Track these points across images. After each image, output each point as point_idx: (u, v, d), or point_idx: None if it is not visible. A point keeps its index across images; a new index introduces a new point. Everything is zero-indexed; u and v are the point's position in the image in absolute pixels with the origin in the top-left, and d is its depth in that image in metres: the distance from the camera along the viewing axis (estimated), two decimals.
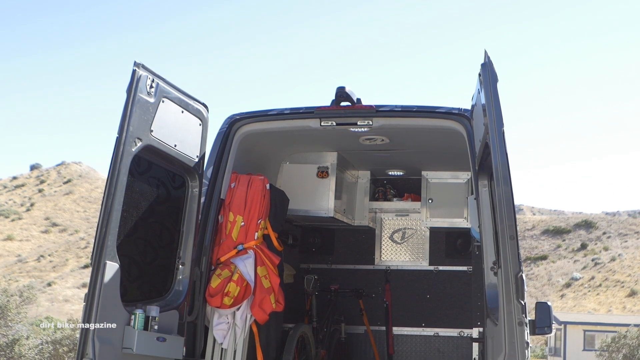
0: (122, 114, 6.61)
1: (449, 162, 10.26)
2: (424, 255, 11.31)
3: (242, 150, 8.63)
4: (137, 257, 7.19)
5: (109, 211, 6.43)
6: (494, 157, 6.25)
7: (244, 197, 8.31)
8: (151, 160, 7.16)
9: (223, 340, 8.09)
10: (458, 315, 10.89)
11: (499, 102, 6.31)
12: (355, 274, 11.42)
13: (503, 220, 6.19)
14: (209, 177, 8.07)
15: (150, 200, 7.28)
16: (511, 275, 6.11)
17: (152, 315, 6.82)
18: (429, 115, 8.27)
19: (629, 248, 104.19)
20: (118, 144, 6.54)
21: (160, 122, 6.95)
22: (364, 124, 8.33)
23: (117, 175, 6.50)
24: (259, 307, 8.22)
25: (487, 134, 6.45)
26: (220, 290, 7.93)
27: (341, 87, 8.13)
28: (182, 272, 7.53)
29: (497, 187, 6.23)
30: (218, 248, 8.19)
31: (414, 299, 11.22)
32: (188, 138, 7.44)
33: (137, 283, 7.20)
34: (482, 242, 7.19)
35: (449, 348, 10.97)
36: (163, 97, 6.99)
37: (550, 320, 6.88)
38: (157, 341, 6.84)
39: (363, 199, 11.16)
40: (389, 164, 10.82)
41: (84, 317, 6.32)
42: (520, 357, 6.06)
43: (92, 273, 6.36)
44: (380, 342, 11.14)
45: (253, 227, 8.28)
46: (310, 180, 9.99)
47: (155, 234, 7.45)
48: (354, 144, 9.50)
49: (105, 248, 6.39)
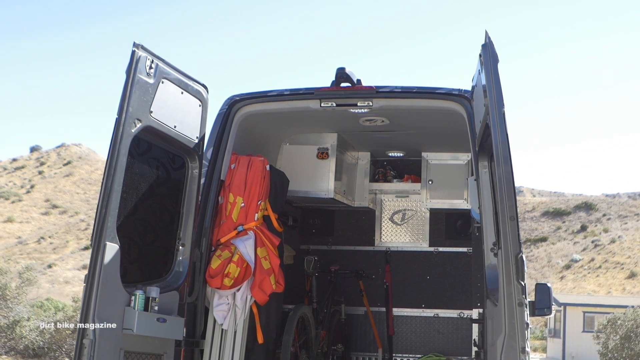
0: (122, 95, 6.59)
1: (449, 143, 10.25)
2: (424, 236, 11.32)
3: (242, 131, 8.62)
4: (137, 238, 7.19)
5: (109, 192, 6.43)
6: (494, 138, 6.25)
7: (244, 178, 8.30)
8: (151, 141, 7.14)
9: (223, 321, 8.10)
10: (458, 296, 10.91)
11: (500, 82, 6.30)
12: (355, 255, 11.43)
13: (503, 201, 6.19)
14: (208, 158, 8.06)
15: (150, 181, 7.27)
16: (511, 256, 6.11)
17: (152, 296, 6.82)
18: (429, 96, 8.25)
19: (629, 230, 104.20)
20: (117, 125, 6.53)
21: (160, 103, 6.94)
22: (364, 105, 8.31)
23: (117, 156, 6.49)
24: (259, 288, 8.22)
25: (488, 114, 6.44)
26: (220, 271, 7.93)
27: (341, 68, 8.11)
28: (182, 253, 7.53)
29: (497, 167, 6.23)
30: (218, 229, 8.18)
31: (414, 280, 11.23)
32: (188, 119, 7.42)
33: (137, 264, 7.20)
34: (482, 223, 7.19)
35: (448, 329, 10.99)
36: (162, 78, 6.97)
37: (550, 301, 6.88)
38: (158, 322, 6.85)
39: (363, 180, 11.15)
40: (389, 145, 10.81)
41: (84, 298, 6.32)
42: (520, 337, 6.07)
43: (92, 254, 6.36)
44: (380, 323, 11.16)
45: (253, 208, 8.28)
46: (310, 161, 9.98)
47: (155, 215, 7.44)
48: (354, 125, 9.49)
49: (105, 229, 6.39)
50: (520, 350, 6.07)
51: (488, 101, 6.35)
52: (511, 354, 6.10)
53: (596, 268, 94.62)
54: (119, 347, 6.55)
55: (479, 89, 7.03)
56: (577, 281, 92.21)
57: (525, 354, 6.09)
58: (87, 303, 6.29)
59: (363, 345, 11.25)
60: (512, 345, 6.10)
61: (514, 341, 6.09)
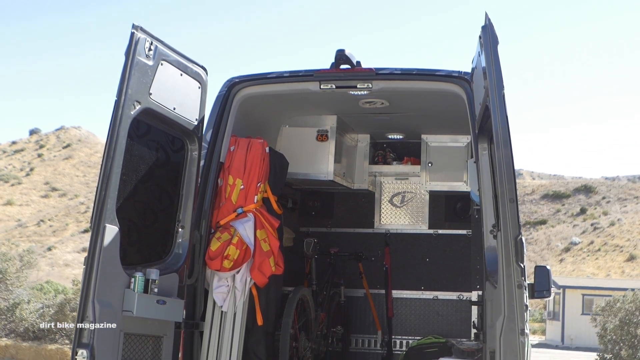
0: (121, 77, 6.58)
1: (449, 126, 10.24)
2: (424, 218, 11.33)
3: (242, 113, 8.61)
4: (137, 220, 7.19)
5: (108, 174, 6.42)
6: (494, 120, 6.24)
7: (243, 160, 8.29)
8: (150, 124, 7.13)
9: (223, 303, 8.11)
10: (457, 278, 10.93)
11: (500, 64, 6.29)
12: (355, 238, 11.44)
13: (503, 183, 6.19)
14: (208, 140, 8.05)
15: (150, 163, 7.27)
16: (510, 238, 6.11)
17: (152, 278, 6.83)
18: (428, 78, 8.23)
19: (628, 213, 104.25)
20: (117, 107, 6.52)
21: (159, 85, 6.92)
22: (364, 87, 8.30)
23: (116, 138, 6.48)
24: (259, 270, 8.23)
25: (487, 96, 6.43)
26: (219, 253, 7.94)
27: (341, 50, 8.09)
28: (181, 236, 7.53)
29: (497, 150, 6.22)
30: (217, 211, 8.19)
31: (413, 262, 11.24)
32: (187, 101, 7.41)
33: (137, 246, 7.20)
34: (482, 206, 7.19)
35: (448, 311, 11.01)
36: (162, 60, 6.95)
37: (549, 284, 6.88)
38: (157, 304, 6.86)
39: (363, 162, 11.14)
40: (389, 127, 10.80)
41: (84, 280, 6.32)
42: (519, 319, 6.08)
43: (92, 236, 6.36)
44: (379, 305, 11.19)
45: (252, 191, 8.28)
46: (310, 143, 9.98)
47: (155, 197, 7.44)
48: (354, 107, 9.48)
49: (105, 211, 6.39)
50: (519, 332, 6.08)
51: (488, 83, 6.34)
52: (510, 335, 6.11)
53: (595, 251, 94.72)
54: (118, 329, 6.56)
55: (478, 71, 7.02)
56: (576, 264, 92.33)
57: (524, 335, 6.09)
58: (86, 285, 6.29)
59: (362, 327, 11.28)
60: (511, 327, 6.11)
61: (513, 323, 6.10)
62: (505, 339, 6.15)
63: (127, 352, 6.71)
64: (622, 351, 25.60)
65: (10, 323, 24.31)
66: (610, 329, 26.21)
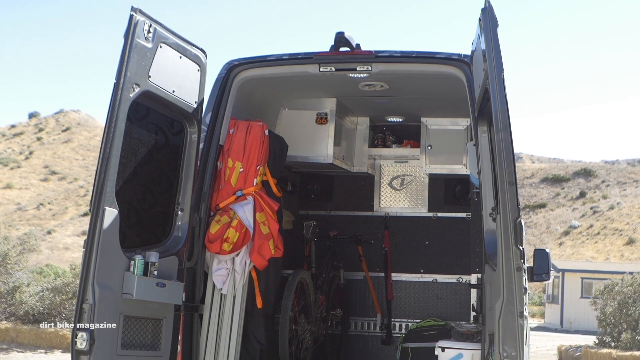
0: (120, 60, 6.57)
1: (449, 109, 10.23)
2: (423, 201, 11.33)
3: (241, 96, 8.60)
4: (136, 203, 7.19)
5: (108, 157, 6.42)
6: (493, 103, 6.23)
7: (242, 143, 8.29)
8: (149, 106, 7.12)
9: (222, 286, 8.12)
10: (456, 261, 10.94)
11: (499, 47, 6.27)
12: (354, 221, 11.45)
13: (502, 166, 6.18)
14: (207, 123, 8.04)
15: (149, 146, 7.26)
16: (510, 220, 6.12)
17: (151, 261, 6.84)
18: (428, 60, 8.22)
19: (628, 196, 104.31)
20: (116, 90, 6.51)
21: (158, 68, 6.91)
22: (363, 70, 8.28)
23: (115, 121, 6.48)
24: (258, 253, 8.24)
25: (487, 79, 6.42)
26: (219, 236, 7.94)
27: (340, 33, 8.07)
28: (181, 218, 7.53)
29: (496, 132, 6.22)
30: (217, 194, 8.19)
31: (412, 245, 11.26)
32: (186, 84, 7.40)
33: (136, 229, 7.21)
34: (481, 189, 7.19)
35: (447, 294, 11.03)
36: (161, 43, 6.94)
37: (549, 267, 6.89)
38: (157, 287, 6.87)
39: (362, 145, 11.14)
40: (388, 110, 10.79)
41: (84, 263, 6.33)
42: (518, 302, 6.09)
43: (91, 219, 6.36)
44: (378, 288, 11.21)
45: (252, 173, 8.28)
46: (309, 126, 9.97)
47: (154, 180, 7.44)
48: (353, 90, 9.47)
49: (104, 194, 6.38)
50: (518, 315, 6.09)
51: (487, 66, 6.33)
52: (509, 318, 6.12)
53: (595, 234, 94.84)
54: (118, 311, 6.57)
55: (478, 53, 7.01)
56: (575, 247, 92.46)
57: (523, 318, 6.11)
58: (86, 268, 6.30)
59: (362, 310, 11.30)
60: (510, 309, 6.12)
61: (512, 305, 6.11)
62: (504, 322, 6.17)
63: (127, 334, 6.73)
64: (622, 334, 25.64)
65: (10, 306, 24.34)
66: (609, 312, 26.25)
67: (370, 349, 11.21)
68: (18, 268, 25.57)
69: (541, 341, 36.25)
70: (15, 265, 25.36)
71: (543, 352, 30.75)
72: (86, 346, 6.23)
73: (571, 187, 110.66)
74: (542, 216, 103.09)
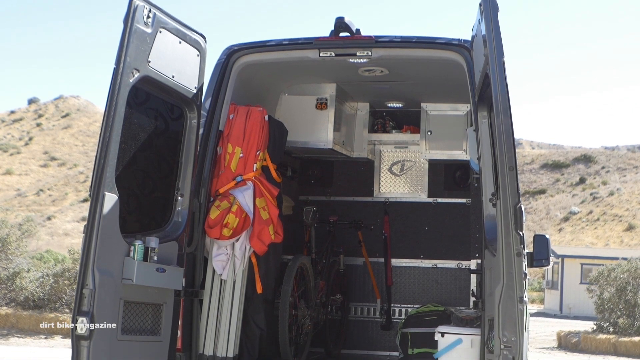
0: (119, 45, 6.55)
1: (449, 94, 10.21)
2: (423, 187, 11.32)
3: (241, 81, 8.58)
4: (136, 188, 7.18)
5: (107, 142, 6.41)
6: (493, 88, 6.22)
7: (242, 128, 8.28)
8: (149, 92, 7.11)
9: (222, 272, 8.13)
10: (456, 247, 10.94)
11: (499, 32, 6.26)
12: (354, 206, 11.45)
13: (502, 151, 6.18)
14: (207, 108, 8.03)
15: (149, 131, 7.25)
16: (510, 206, 6.12)
17: (151, 247, 6.83)
18: (428, 46, 8.20)
19: (628, 182, 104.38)
20: (115, 75, 6.50)
21: (158, 53, 6.89)
22: (363, 55, 8.27)
23: (115, 106, 6.46)
24: (258, 239, 8.24)
25: (487, 64, 6.41)
26: (219, 221, 7.94)
27: (340, 18, 8.05)
28: (181, 204, 7.53)
29: (496, 118, 6.21)
30: (217, 179, 8.18)
31: (412, 231, 11.26)
32: (186, 69, 7.38)
33: (136, 214, 7.20)
34: (481, 174, 7.19)
35: (447, 279, 11.04)
36: (160, 28, 6.92)
37: (548, 252, 6.89)
38: (157, 272, 6.86)
39: (362, 131, 11.12)
40: (388, 95, 10.77)
41: (84, 248, 6.33)
42: (518, 287, 6.10)
43: (91, 204, 6.36)
44: (378, 273, 11.21)
45: (252, 159, 8.27)
46: (309, 111, 9.96)
47: (154, 165, 7.43)
48: (353, 75, 9.45)
49: (104, 179, 6.37)
50: (518, 300, 6.10)
51: (488, 51, 6.32)
52: (509, 303, 6.13)
53: (594, 220, 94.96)
54: (118, 296, 6.57)
55: (478, 38, 7.00)
56: (575, 233, 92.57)
57: (523, 303, 6.12)
58: (86, 253, 6.30)
59: (361, 295, 11.31)
60: (510, 294, 6.13)
61: (512, 291, 6.12)
62: (504, 307, 6.18)
63: (127, 319, 6.73)
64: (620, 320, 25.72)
65: (11, 292, 24.41)
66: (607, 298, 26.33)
67: (370, 334, 11.22)
68: (18, 253, 25.62)
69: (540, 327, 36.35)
70: (16, 250, 25.41)
71: (542, 337, 30.86)
72: (86, 331, 6.23)
73: (571, 173, 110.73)
74: (542, 202, 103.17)
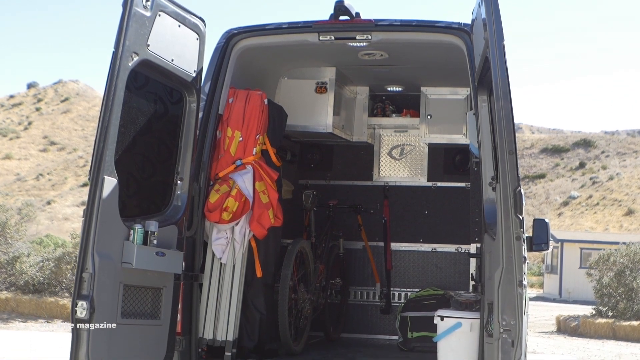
0: (118, 28, 6.52)
1: (448, 78, 10.20)
2: (423, 171, 11.32)
3: (240, 65, 8.57)
4: (135, 172, 7.17)
5: (107, 126, 6.39)
6: (493, 71, 6.21)
7: (242, 112, 8.27)
8: (148, 75, 7.09)
9: (222, 255, 8.14)
10: (456, 231, 10.95)
11: (500, 15, 6.24)
12: (354, 190, 11.45)
13: (502, 135, 6.17)
14: (206, 92, 8.01)
15: (148, 115, 7.24)
16: (509, 190, 6.11)
17: (151, 230, 6.82)
18: (428, 29, 8.18)
19: (627, 167, 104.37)
20: (114, 59, 6.48)
21: (157, 37, 6.87)
22: (363, 39, 8.25)
23: (114, 90, 6.45)
24: (258, 223, 8.24)
25: (487, 48, 6.39)
26: (218, 205, 7.95)
27: (340, 1, 8.02)
28: (180, 188, 7.52)
29: (496, 102, 6.20)
30: (216, 163, 8.18)
31: (412, 215, 11.27)
32: (185, 53, 7.36)
33: (136, 198, 7.20)
34: (481, 158, 7.18)
35: (446, 263, 11.05)
36: (159, 11, 6.89)
37: (548, 237, 6.89)
38: (157, 256, 6.87)
39: (362, 115, 11.11)
40: (388, 79, 10.76)
41: (84, 232, 6.33)
42: (517, 271, 6.10)
43: (91, 188, 6.35)
44: (378, 257, 11.22)
45: (251, 143, 8.26)
46: (309, 95, 9.94)
47: (153, 149, 7.42)
48: (353, 59, 9.44)
49: (104, 163, 6.36)
50: (517, 284, 6.10)
51: (488, 34, 6.30)
52: (508, 287, 6.14)
53: (594, 205, 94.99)
54: (118, 280, 6.57)
55: (478, 22, 6.98)
56: (574, 218, 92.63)
57: (522, 287, 6.12)
58: (86, 237, 6.30)
59: (361, 279, 11.33)
60: (509, 278, 6.13)
61: (511, 274, 6.12)
62: (503, 291, 6.18)
63: (127, 303, 6.73)
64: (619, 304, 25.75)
65: (11, 276, 24.42)
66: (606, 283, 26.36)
67: (370, 318, 11.25)
68: (18, 238, 25.62)
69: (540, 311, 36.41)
70: (15, 235, 25.40)
71: (542, 322, 30.90)
72: (86, 315, 6.24)
73: (571, 157, 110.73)
74: (542, 187, 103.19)
